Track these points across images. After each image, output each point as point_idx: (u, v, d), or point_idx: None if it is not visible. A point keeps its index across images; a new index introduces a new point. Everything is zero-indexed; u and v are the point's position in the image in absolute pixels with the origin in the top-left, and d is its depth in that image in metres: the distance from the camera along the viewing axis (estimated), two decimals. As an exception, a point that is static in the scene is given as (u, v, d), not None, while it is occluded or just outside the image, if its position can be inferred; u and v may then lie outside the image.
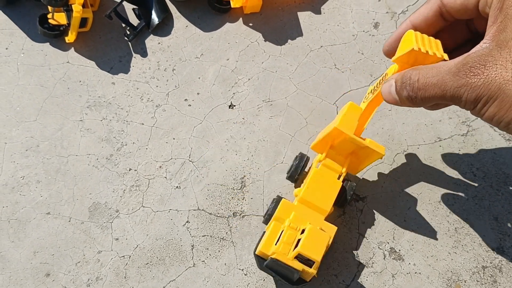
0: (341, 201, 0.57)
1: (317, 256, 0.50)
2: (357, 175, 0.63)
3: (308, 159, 0.59)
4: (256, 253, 0.54)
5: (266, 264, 0.51)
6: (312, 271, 0.51)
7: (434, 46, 0.46)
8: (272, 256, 0.51)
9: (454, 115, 0.66)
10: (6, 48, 0.69)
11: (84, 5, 0.66)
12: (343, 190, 0.57)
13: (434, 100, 0.42)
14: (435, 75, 0.41)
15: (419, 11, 0.50)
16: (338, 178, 0.56)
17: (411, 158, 0.65)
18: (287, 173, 0.60)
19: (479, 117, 0.42)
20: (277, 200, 0.55)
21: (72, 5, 0.65)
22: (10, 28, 0.70)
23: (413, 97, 0.44)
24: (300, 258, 0.51)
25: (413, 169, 0.64)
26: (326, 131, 0.55)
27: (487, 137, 0.65)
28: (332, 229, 0.54)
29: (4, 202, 0.62)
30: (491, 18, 0.42)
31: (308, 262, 0.51)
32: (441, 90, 0.41)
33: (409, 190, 0.63)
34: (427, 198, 0.63)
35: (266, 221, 0.56)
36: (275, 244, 0.53)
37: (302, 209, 0.55)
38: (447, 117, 0.66)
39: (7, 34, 0.70)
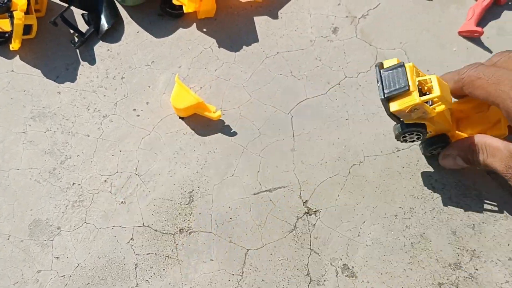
0: None
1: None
2: (310, 187, 0.60)
3: None
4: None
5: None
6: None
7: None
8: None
9: (414, 124, 0.63)
10: None
11: (28, 11, 0.63)
12: None
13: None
14: (499, 160, 0.51)
15: None
16: None
17: (367, 169, 0.62)
18: None
19: None
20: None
21: (14, 12, 0.61)
22: (-48, 35, 0.67)
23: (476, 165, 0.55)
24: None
25: (369, 181, 0.62)
26: None
27: (447, 148, 0.62)
28: None
29: None
30: None
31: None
32: (503, 172, 0.51)
33: (364, 203, 0.61)
34: (383, 211, 0.60)
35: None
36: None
37: None
38: (407, 126, 0.63)
39: (-51, 41, 0.66)
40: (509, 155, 0.49)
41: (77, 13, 0.70)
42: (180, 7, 0.67)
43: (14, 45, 0.65)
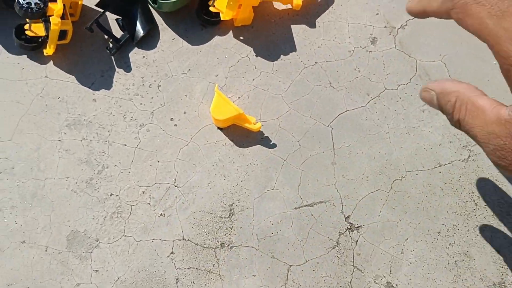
0: None
1: None
2: (352, 201, 0.59)
3: None
4: None
5: None
6: None
7: None
8: None
9: (455, 139, 0.62)
10: (-20, 61, 0.64)
11: (63, 16, 0.61)
12: None
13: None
14: (474, 126, 0.37)
15: None
16: None
17: (409, 185, 0.61)
18: None
19: None
20: None
21: (50, 17, 0.59)
22: (-17, 38, 0.65)
23: (455, 126, 0.39)
24: None
25: (411, 196, 0.61)
26: None
27: (489, 163, 0.61)
28: None
29: (-25, 229, 0.58)
30: None
31: None
32: (484, 140, 0.37)
33: (407, 219, 0.60)
34: (426, 228, 0.60)
35: None
36: None
37: None
38: (448, 141, 0.63)
39: (-20, 45, 0.65)
40: (496, 120, 0.35)
41: (111, 18, 0.67)
42: (217, 14, 0.66)
43: (49, 50, 0.64)
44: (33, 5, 0.58)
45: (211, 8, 0.64)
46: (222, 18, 0.65)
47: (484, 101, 0.37)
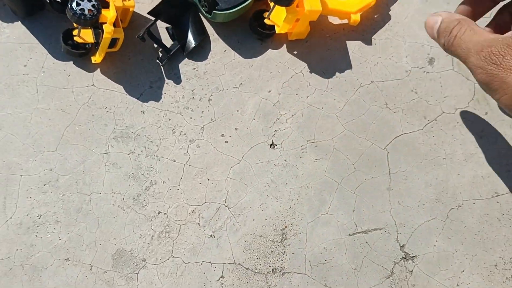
0: None
1: None
2: (408, 230, 0.57)
3: None
4: None
5: None
6: None
7: None
8: None
9: (514, 168, 0.60)
10: (25, 65, 0.61)
11: (114, 24, 0.58)
12: None
13: (460, 60, 0.45)
14: (469, 41, 0.43)
15: None
16: None
17: (466, 214, 0.59)
18: None
19: None
20: None
21: (103, 25, 0.57)
22: (29, 42, 0.62)
23: (446, 48, 0.46)
24: None
25: (468, 227, 0.58)
26: None
27: (550, 196, 0.59)
28: None
29: (18, 244, 0.56)
30: None
31: None
32: (464, 59, 0.44)
33: (463, 250, 0.58)
34: (482, 261, 0.57)
35: None
36: None
37: None
38: (505, 170, 0.60)
39: (26, 49, 0.62)
40: (494, 37, 0.43)
41: (161, 26, 0.65)
42: (271, 27, 0.63)
43: (98, 58, 0.61)
44: (86, 12, 0.56)
45: (266, 21, 0.62)
46: (277, 32, 0.62)
47: (482, 28, 0.45)
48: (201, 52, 0.64)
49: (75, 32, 0.61)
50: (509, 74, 0.41)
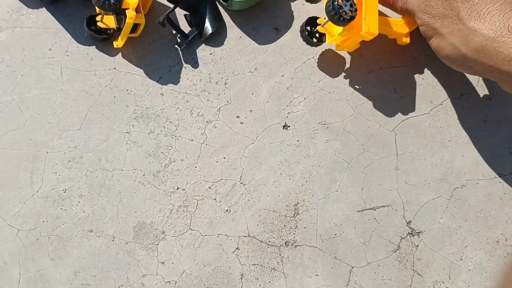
0: None
1: None
2: (414, 207, 0.60)
3: None
4: None
5: None
6: None
7: None
8: None
9: (516, 150, 0.63)
10: (50, 49, 0.65)
11: (136, 10, 0.62)
12: None
13: (413, 17, 0.56)
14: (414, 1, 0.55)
15: None
16: None
17: (470, 193, 0.62)
18: None
19: None
20: None
21: (126, 10, 0.60)
22: (54, 27, 0.66)
23: (402, 10, 0.59)
24: None
25: (471, 205, 0.62)
26: None
27: (550, 177, 0.62)
28: None
29: (44, 216, 0.59)
30: None
31: None
32: (414, 15, 0.56)
33: (466, 227, 0.61)
34: (485, 237, 0.60)
35: None
36: None
37: None
38: (508, 152, 0.63)
39: (51, 33, 0.66)
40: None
41: (179, 14, 0.68)
42: (322, 35, 0.65)
43: (120, 43, 0.65)
44: (109, -2, 0.59)
45: (319, 28, 0.64)
46: (327, 41, 0.64)
47: None
48: (217, 38, 0.68)
49: (98, 18, 0.64)
50: (437, 21, 0.51)
